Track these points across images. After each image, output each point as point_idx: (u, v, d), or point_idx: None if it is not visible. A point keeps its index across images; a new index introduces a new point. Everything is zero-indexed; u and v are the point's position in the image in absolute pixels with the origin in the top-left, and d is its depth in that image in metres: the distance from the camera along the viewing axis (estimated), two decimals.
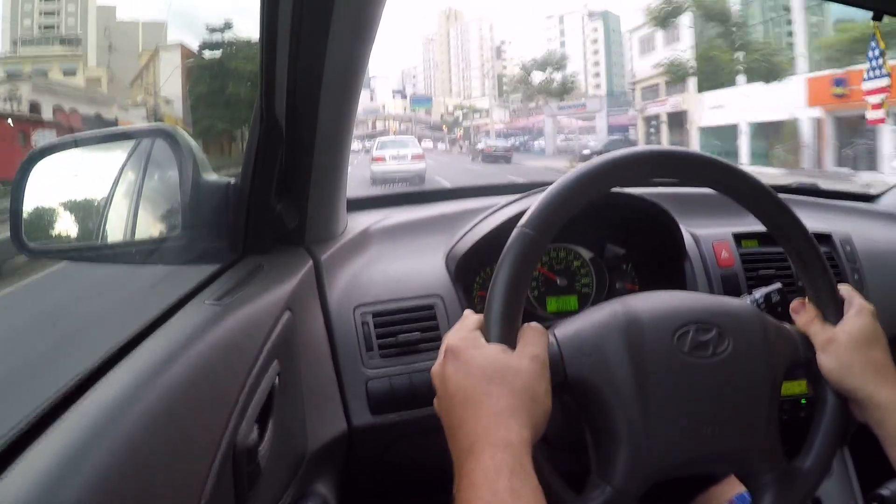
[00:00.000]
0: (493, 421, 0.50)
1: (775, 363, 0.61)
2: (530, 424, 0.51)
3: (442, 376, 0.56)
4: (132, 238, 0.85)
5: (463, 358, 0.55)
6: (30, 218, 0.76)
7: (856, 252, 1.20)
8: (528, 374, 0.53)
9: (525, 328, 0.57)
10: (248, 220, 0.82)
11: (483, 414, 0.51)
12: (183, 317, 0.62)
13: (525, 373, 0.53)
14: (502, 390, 0.52)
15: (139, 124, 2.15)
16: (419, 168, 14.90)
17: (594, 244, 1.14)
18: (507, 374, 0.53)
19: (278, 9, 0.71)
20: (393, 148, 15.35)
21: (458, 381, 0.54)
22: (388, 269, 1.03)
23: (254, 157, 0.79)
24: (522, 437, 0.50)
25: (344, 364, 0.89)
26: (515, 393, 0.52)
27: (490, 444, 0.49)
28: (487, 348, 0.55)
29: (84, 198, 0.84)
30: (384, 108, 71.83)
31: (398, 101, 75.95)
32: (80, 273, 0.98)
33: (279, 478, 0.69)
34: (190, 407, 0.50)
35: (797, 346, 0.64)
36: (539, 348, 0.56)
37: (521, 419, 0.51)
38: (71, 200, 0.84)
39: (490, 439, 0.49)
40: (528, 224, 0.58)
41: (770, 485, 0.59)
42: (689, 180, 0.66)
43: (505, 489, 0.45)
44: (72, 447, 0.39)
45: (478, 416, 0.51)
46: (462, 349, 0.56)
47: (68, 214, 0.83)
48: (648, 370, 0.57)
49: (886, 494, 0.87)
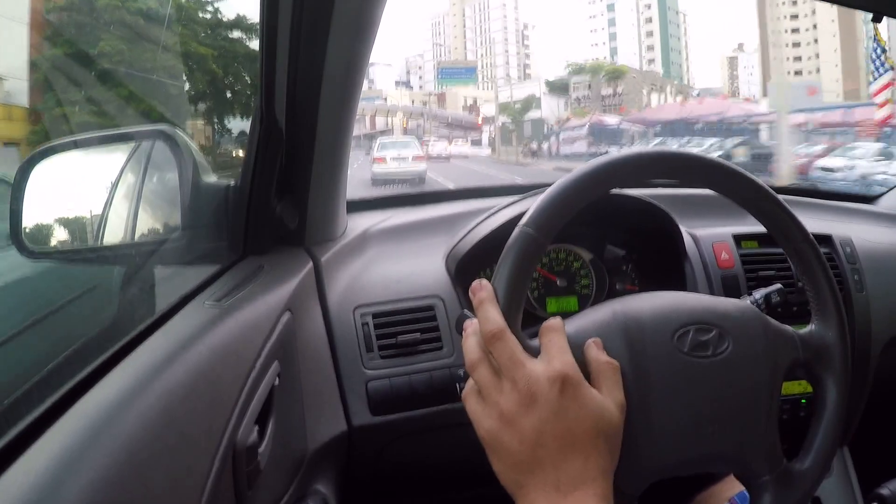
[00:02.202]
0: (599, 474, 0.51)
1: (775, 364, 0.61)
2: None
3: (549, 402, 0.51)
4: (132, 239, 0.86)
5: (579, 397, 0.51)
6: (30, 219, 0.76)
7: (856, 253, 1.20)
8: (620, 428, 0.53)
9: (608, 367, 0.55)
10: (248, 220, 0.82)
11: (591, 466, 0.51)
12: (183, 318, 0.62)
13: (619, 427, 0.53)
14: (609, 447, 0.52)
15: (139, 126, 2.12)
16: (420, 169, 14.99)
17: (594, 245, 1.14)
18: (612, 433, 0.53)
19: (278, 9, 0.71)
20: (394, 149, 15.42)
21: (570, 422, 0.51)
22: (388, 270, 1.03)
23: (254, 158, 0.79)
24: (610, 493, 0.51)
25: (344, 365, 0.89)
26: (613, 453, 0.53)
27: (594, 494, 0.50)
28: (597, 395, 0.53)
29: (84, 199, 0.84)
30: (386, 100, 60.74)
31: (403, 93, 66.36)
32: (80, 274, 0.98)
33: (279, 478, 0.69)
34: (190, 408, 0.50)
35: (797, 346, 0.64)
36: (620, 391, 0.54)
37: (611, 476, 0.52)
38: (71, 202, 0.84)
39: (595, 490, 0.50)
40: (529, 223, 0.58)
41: (769, 485, 0.59)
42: (689, 182, 0.67)
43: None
44: (71, 448, 0.39)
45: (586, 467, 0.51)
46: (578, 383, 0.52)
47: (68, 216, 0.83)
48: (648, 370, 0.57)
49: (886, 494, 0.87)
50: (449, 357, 0.92)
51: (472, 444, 0.56)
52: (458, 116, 49.70)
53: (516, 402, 0.51)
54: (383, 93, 62.82)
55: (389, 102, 58.14)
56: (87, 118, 4.58)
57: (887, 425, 1.25)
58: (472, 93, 61.73)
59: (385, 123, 54.60)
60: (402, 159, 14.94)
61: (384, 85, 66.42)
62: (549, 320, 0.57)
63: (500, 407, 0.52)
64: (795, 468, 0.61)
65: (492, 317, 0.54)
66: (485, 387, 0.53)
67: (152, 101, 5.54)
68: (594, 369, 0.54)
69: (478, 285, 0.57)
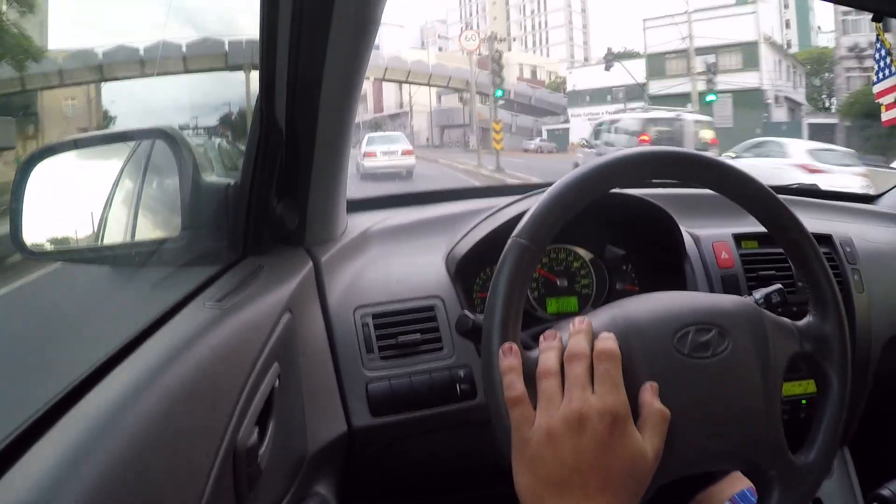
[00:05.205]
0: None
1: (776, 358, 0.62)
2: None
3: (595, 433, 0.52)
4: (132, 239, 0.86)
5: (624, 436, 0.53)
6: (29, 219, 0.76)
7: (856, 253, 1.20)
8: (651, 473, 0.54)
9: (659, 415, 0.55)
10: (248, 221, 0.82)
11: (622, 496, 0.53)
12: (183, 318, 0.62)
13: (651, 473, 0.54)
14: (637, 489, 0.54)
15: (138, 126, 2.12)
16: (409, 163, 15.11)
17: (594, 245, 1.14)
18: (643, 477, 0.54)
19: (278, 9, 0.71)
20: (383, 144, 15.49)
21: (610, 458, 0.52)
22: (389, 271, 1.03)
23: (254, 158, 0.79)
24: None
25: (344, 365, 0.89)
26: (639, 495, 0.54)
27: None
28: (639, 438, 0.54)
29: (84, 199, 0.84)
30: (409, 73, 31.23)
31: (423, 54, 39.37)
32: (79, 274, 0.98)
33: (279, 479, 0.69)
34: (190, 409, 0.50)
35: (797, 338, 0.64)
36: (662, 440, 0.55)
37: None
38: (71, 202, 0.84)
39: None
40: (522, 233, 0.59)
41: (776, 479, 0.60)
42: (689, 181, 0.67)
43: None
44: (71, 449, 0.39)
45: (617, 499, 0.52)
46: (626, 423, 0.53)
47: (68, 216, 0.83)
48: (651, 374, 0.57)
49: (886, 495, 0.87)
50: (449, 358, 0.92)
51: (471, 445, 0.56)
52: (544, 97, 32.33)
53: (565, 424, 0.53)
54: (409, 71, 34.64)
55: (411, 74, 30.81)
56: None
57: (887, 425, 1.25)
58: (530, 59, 43.29)
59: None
60: (391, 153, 15.02)
61: (395, 51, 40.23)
62: (604, 344, 0.56)
63: (550, 422, 0.53)
64: (801, 461, 0.62)
65: (583, 343, 0.57)
66: (546, 398, 0.55)
67: None
68: (644, 413, 0.55)
69: (579, 320, 0.59)
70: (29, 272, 0.96)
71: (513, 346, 0.57)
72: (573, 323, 0.59)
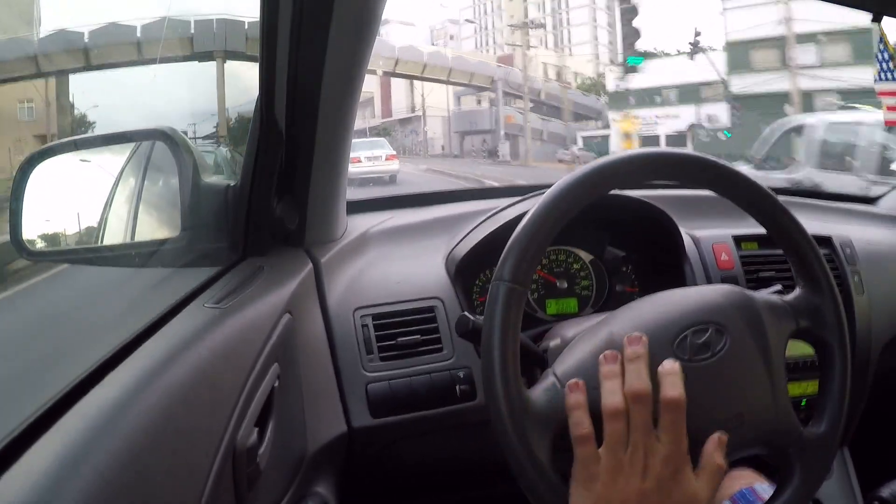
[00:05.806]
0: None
1: (775, 342, 0.62)
2: None
3: (658, 478, 0.55)
4: (132, 240, 0.85)
5: (683, 483, 0.55)
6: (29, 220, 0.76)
7: (856, 254, 1.20)
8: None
9: (719, 470, 0.57)
10: (248, 221, 0.82)
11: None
12: (183, 319, 0.62)
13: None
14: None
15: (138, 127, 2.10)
16: (393, 168, 15.36)
17: (594, 246, 1.14)
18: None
19: (278, 9, 0.71)
20: (367, 149, 15.63)
21: (667, 502, 0.55)
22: (388, 272, 1.03)
23: (254, 159, 0.79)
24: None
25: (344, 366, 0.89)
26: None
27: None
28: (695, 484, 0.56)
29: (84, 200, 0.84)
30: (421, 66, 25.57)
31: None
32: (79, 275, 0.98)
33: (279, 479, 0.69)
34: (189, 409, 0.50)
35: (792, 317, 0.65)
36: (715, 489, 0.57)
37: None
38: (71, 203, 0.84)
39: None
40: (507, 277, 0.59)
41: (795, 455, 0.61)
42: (688, 183, 0.67)
43: None
44: (71, 449, 0.39)
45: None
46: (686, 470, 0.56)
47: (68, 217, 0.83)
48: (657, 386, 0.57)
49: (886, 495, 0.87)
50: (449, 359, 0.92)
51: (471, 445, 0.56)
52: (576, 99, 29.16)
53: (632, 469, 0.55)
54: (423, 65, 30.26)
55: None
56: None
57: (887, 425, 1.25)
58: (554, 59, 37.63)
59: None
60: (375, 158, 15.18)
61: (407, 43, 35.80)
62: (671, 393, 0.56)
63: (618, 466, 0.56)
64: (813, 433, 0.63)
65: (645, 379, 0.57)
66: (614, 440, 0.56)
67: None
68: (705, 463, 0.57)
69: (636, 339, 0.59)
70: (29, 274, 0.96)
71: (579, 383, 0.58)
72: (628, 341, 0.59)
